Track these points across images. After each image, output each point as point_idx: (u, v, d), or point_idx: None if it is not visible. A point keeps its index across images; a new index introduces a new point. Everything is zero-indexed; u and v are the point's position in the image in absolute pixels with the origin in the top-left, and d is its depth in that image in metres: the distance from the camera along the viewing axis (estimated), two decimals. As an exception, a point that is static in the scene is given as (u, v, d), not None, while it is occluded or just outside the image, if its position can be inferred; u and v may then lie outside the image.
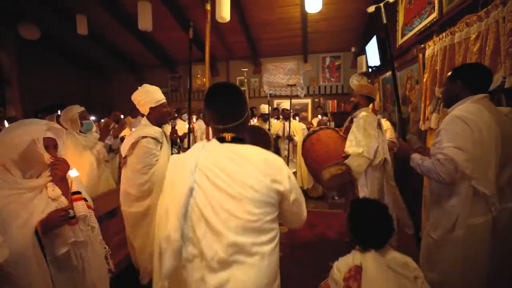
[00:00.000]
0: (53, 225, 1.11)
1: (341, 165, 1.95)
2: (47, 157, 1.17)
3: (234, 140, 0.93)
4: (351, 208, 1.25)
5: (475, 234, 1.23)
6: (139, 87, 1.99)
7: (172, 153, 2.01)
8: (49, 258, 1.11)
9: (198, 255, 0.83)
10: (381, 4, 1.88)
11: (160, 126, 1.99)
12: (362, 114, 2.14)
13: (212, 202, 0.83)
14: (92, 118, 5.99)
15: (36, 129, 1.15)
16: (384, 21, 1.92)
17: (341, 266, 1.16)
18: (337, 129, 2.42)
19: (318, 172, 2.07)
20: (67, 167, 1.22)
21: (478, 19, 1.77)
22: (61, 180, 1.21)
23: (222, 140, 0.93)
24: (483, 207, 1.22)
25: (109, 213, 2.32)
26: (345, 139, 2.10)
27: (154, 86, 2.02)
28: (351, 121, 2.23)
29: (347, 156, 1.97)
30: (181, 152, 2.10)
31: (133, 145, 1.83)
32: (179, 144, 2.14)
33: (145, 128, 1.90)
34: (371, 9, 1.98)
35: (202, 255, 0.82)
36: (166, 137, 2.00)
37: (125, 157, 1.86)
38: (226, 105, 0.95)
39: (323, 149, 2.11)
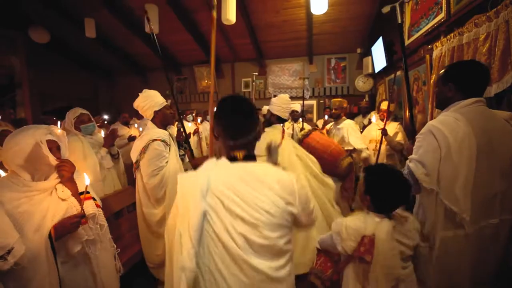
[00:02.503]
0: (66, 231, 1.14)
1: (349, 157, 2.65)
2: (52, 159, 1.19)
3: (245, 158, 0.90)
4: (368, 172, 1.24)
5: (447, 247, 1.18)
6: (139, 94, 2.01)
7: (179, 155, 2.03)
8: (60, 260, 1.14)
9: (218, 284, 0.80)
10: (397, 4, 1.86)
11: (165, 128, 2.02)
12: (350, 121, 3.15)
13: (228, 228, 0.80)
14: (105, 117, 6.09)
15: (38, 132, 1.18)
16: (399, 21, 1.89)
17: (352, 229, 1.14)
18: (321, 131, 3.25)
19: (333, 164, 2.55)
20: (73, 167, 1.25)
21: (487, 19, 1.74)
22: (68, 181, 1.24)
23: (233, 159, 0.90)
24: (454, 221, 1.16)
25: (115, 214, 2.35)
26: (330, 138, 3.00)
27: (153, 91, 2.05)
28: (335, 126, 3.23)
29: (348, 150, 2.82)
30: (186, 153, 2.12)
31: (144, 149, 1.85)
32: (185, 145, 2.15)
33: (154, 131, 1.93)
34: (386, 9, 1.95)
35: (224, 284, 0.79)
36: (173, 139, 2.03)
37: (137, 161, 1.89)
38: (238, 119, 0.91)
39: (327, 147, 2.62)
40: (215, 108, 0.96)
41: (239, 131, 0.90)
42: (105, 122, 5.30)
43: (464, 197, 1.12)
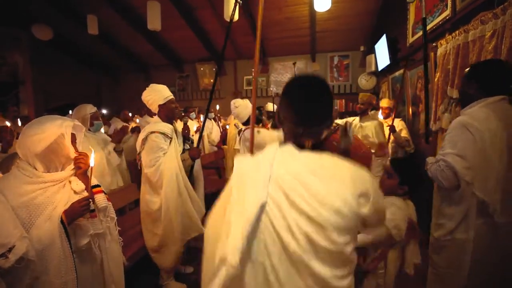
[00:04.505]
0: (77, 214, 1.15)
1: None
2: (72, 151, 1.21)
3: (314, 148, 0.77)
4: (403, 166, 1.41)
5: (475, 238, 1.22)
6: (147, 88, 2.05)
7: (184, 149, 2.09)
8: (73, 249, 1.15)
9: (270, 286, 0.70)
10: None
11: (171, 123, 2.06)
12: (375, 122, 2.85)
13: (291, 225, 0.69)
14: (104, 111, 6.12)
15: (65, 124, 1.19)
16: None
17: (398, 215, 1.27)
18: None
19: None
20: (89, 161, 1.26)
21: (493, 16, 1.72)
22: (83, 174, 1.25)
23: (301, 146, 0.77)
24: (485, 214, 1.20)
25: (119, 210, 2.37)
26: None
27: (161, 85, 2.08)
28: (360, 123, 2.95)
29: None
30: (191, 147, 2.14)
31: (144, 141, 1.95)
32: (191, 139, 2.21)
33: (155, 124, 2.00)
34: None
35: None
36: (177, 133, 2.07)
37: (139, 153, 1.99)
38: (314, 104, 0.76)
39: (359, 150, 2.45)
40: (284, 88, 0.82)
41: (311, 116, 0.76)
42: (103, 116, 5.33)
43: (496, 190, 1.16)
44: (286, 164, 0.74)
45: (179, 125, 2.17)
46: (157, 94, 2.01)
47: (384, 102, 3.39)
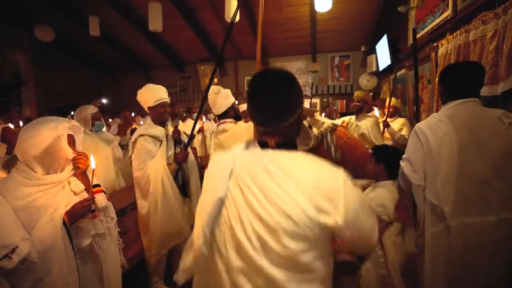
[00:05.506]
0: (78, 215, 1.15)
1: None
2: (70, 153, 1.21)
3: (280, 147, 0.73)
4: (376, 149, 1.61)
5: (435, 241, 1.24)
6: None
7: (175, 152, 2.01)
8: (75, 250, 1.15)
9: (230, 275, 0.70)
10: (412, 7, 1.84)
11: (163, 126, 2.01)
12: (371, 119, 2.76)
13: (244, 223, 0.67)
14: (104, 101, 6.12)
15: (61, 126, 1.19)
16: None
17: (385, 194, 1.40)
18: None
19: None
20: (88, 161, 1.26)
21: (495, 16, 1.72)
22: (82, 174, 1.25)
23: (264, 145, 0.74)
24: (441, 218, 1.21)
25: (120, 211, 2.37)
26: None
27: (157, 86, 2.01)
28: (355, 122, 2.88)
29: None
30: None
31: (133, 144, 1.93)
32: (184, 143, 2.11)
33: (146, 126, 1.98)
34: (402, 9, 1.98)
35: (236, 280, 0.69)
36: (167, 137, 2.01)
37: (130, 156, 1.98)
38: (271, 100, 0.71)
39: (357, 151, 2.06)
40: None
41: (270, 113, 0.72)
42: (104, 113, 5.35)
43: (443, 191, 1.19)
44: (245, 162, 0.73)
45: (170, 129, 2.08)
46: (148, 95, 1.96)
47: (393, 101, 3.34)
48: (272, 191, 0.65)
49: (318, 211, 0.63)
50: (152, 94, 1.96)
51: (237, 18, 3.28)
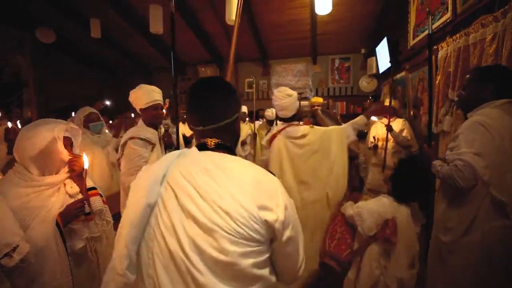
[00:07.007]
0: (71, 216, 1.15)
1: None
2: (66, 155, 1.21)
3: (218, 147, 0.74)
4: (401, 163, 1.46)
5: (490, 238, 1.19)
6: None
7: None
8: (68, 252, 1.15)
9: None
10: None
11: (156, 128, 1.93)
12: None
13: (176, 226, 0.62)
14: (107, 102, 6.12)
15: (58, 128, 1.20)
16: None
17: (374, 212, 1.30)
18: None
19: None
20: (84, 163, 1.26)
21: (494, 19, 1.72)
22: (78, 176, 1.26)
23: (202, 147, 0.74)
24: (500, 213, 1.18)
25: (116, 215, 2.36)
26: None
27: (150, 86, 1.95)
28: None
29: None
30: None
31: (122, 147, 1.82)
32: (175, 146, 2.05)
33: (137, 129, 1.87)
34: None
35: None
36: (160, 141, 1.95)
37: (118, 159, 1.87)
38: (207, 101, 0.75)
39: None
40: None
41: (207, 114, 0.75)
42: (104, 114, 5.36)
43: None
44: (181, 165, 0.69)
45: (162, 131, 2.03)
46: (140, 96, 1.88)
47: (385, 103, 3.38)
48: (211, 190, 0.63)
49: (259, 208, 0.62)
50: (145, 95, 1.88)
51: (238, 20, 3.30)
